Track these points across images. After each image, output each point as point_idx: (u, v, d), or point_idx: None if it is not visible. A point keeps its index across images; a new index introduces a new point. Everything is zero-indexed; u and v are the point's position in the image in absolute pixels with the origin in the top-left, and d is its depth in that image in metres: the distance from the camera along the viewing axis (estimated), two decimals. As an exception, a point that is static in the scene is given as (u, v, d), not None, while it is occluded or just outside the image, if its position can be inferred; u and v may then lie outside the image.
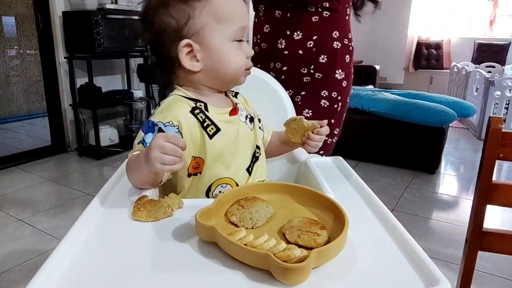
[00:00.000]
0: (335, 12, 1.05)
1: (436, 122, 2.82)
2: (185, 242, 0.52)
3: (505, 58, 5.70)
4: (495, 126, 0.80)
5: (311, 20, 1.05)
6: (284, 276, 0.43)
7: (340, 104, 1.14)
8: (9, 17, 4.13)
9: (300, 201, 0.62)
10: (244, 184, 0.73)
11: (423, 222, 2.25)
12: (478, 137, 3.91)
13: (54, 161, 3.20)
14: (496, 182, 0.83)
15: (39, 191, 2.60)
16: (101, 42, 3.00)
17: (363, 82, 4.60)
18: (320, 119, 1.14)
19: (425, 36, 6.27)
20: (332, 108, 1.12)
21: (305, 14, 1.05)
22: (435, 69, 6.17)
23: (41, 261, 0.76)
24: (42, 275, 0.44)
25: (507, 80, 3.83)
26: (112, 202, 0.63)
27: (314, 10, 1.04)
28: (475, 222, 0.86)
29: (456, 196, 2.69)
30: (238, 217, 0.56)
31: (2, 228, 2.10)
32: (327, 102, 1.11)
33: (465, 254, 0.89)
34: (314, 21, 1.05)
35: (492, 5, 5.91)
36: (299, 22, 1.05)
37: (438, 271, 0.45)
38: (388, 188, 2.71)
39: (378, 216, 0.60)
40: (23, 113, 4.48)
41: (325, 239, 0.51)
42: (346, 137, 1.11)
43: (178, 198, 0.61)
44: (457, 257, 1.83)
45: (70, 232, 0.53)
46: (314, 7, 1.04)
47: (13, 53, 4.27)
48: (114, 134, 3.37)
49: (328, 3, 1.03)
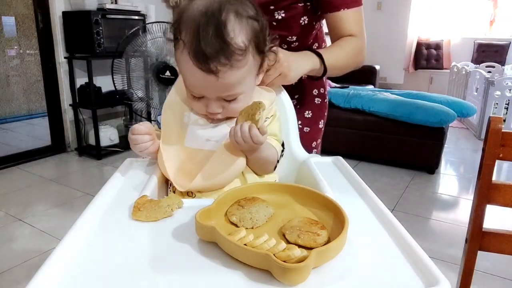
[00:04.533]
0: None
1: (436, 122, 2.82)
2: (185, 242, 0.52)
3: (505, 58, 5.71)
4: (495, 126, 0.80)
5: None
6: (284, 276, 0.43)
7: (326, 98, 1.16)
8: (9, 17, 4.13)
9: (300, 201, 0.62)
10: (244, 184, 0.73)
11: (423, 222, 2.25)
12: (478, 137, 3.91)
13: (54, 161, 3.20)
14: (496, 182, 0.83)
15: (39, 191, 2.60)
16: (101, 42, 3.00)
17: (363, 82, 4.61)
18: (317, 117, 1.12)
19: (425, 36, 6.27)
20: (324, 103, 1.14)
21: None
22: (435, 69, 6.17)
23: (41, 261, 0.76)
24: (42, 275, 0.44)
25: (507, 80, 3.83)
26: (112, 202, 0.63)
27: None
28: (475, 222, 0.86)
29: (456, 196, 2.69)
30: (238, 217, 0.56)
31: (2, 228, 2.10)
32: (319, 99, 1.12)
33: (465, 254, 0.89)
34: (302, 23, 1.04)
35: (492, 5, 5.91)
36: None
37: (438, 271, 0.45)
38: (388, 188, 2.71)
39: (378, 216, 0.60)
40: (23, 113, 4.47)
41: (325, 239, 0.51)
42: (346, 137, 1.11)
43: (178, 198, 0.62)
44: (457, 257, 1.83)
45: (70, 232, 0.53)
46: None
47: (13, 53, 4.26)
48: (114, 134, 3.37)
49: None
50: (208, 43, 0.61)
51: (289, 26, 0.97)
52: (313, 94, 1.11)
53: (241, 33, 0.63)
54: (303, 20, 0.97)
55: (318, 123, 1.13)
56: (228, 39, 0.61)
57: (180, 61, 0.66)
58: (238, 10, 0.64)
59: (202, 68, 0.62)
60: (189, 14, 0.64)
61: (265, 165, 0.75)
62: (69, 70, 3.21)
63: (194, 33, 0.62)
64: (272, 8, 0.93)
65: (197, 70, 0.63)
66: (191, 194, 0.73)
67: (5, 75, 4.26)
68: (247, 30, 0.64)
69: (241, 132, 0.65)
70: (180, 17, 0.66)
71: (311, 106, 1.11)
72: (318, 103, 1.12)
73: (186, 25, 0.64)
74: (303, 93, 1.09)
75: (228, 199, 0.60)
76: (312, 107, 1.11)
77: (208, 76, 0.63)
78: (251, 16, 0.66)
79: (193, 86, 0.68)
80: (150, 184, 0.69)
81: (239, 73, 0.65)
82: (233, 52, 0.62)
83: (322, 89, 1.13)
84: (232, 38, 0.62)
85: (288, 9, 0.93)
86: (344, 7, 0.90)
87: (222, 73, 0.62)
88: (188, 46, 0.63)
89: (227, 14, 0.62)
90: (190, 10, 0.65)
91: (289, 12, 0.94)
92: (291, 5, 0.93)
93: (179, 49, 0.65)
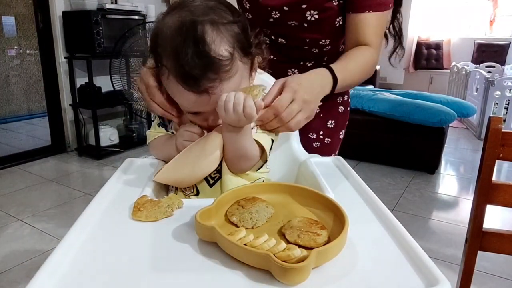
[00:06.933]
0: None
1: (436, 122, 2.82)
2: (185, 242, 0.52)
3: (505, 58, 5.71)
4: (495, 126, 0.80)
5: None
6: (284, 276, 0.43)
7: (349, 106, 1.08)
8: (9, 17, 4.13)
9: (300, 201, 0.62)
10: (244, 185, 0.73)
11: (423, 222, 2.25)
12: (478, 137, 3.91)
13: (54, 161, 3.20)
14: (496, 182, 0.83)
15: (39, 191, 2.60)
16: (101, 42, 3.00)
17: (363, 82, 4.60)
18: (339, 127, 1.02)
19: (425, 36, 6.27)
20: (346, 112, 1.06)
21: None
22: (435, 69, 6.17)
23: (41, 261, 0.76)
24: (42, 275, 0.44)
25: (507, 80, 3.83)
26: (112, 202, 0.63)
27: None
28: (475, 222, 0.86)
29: (456, 196, 2.69)
30: (238, 217, 0.56)
31: (2, 228, 2.10)
32: (343, 107, 1.04)
33: (465, 254, 0.89)
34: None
35: (492, 5, 5.91)
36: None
37: (438, 271, 0.45)
38: (388, 188, 2.71)
39: (378, 216, 0.60)
40: (23, 113, 4.48)
41: (325, 239, 0.51)
42: (346, 137, 1.09)
43: (178, 198, 0.61)
44: (457, 257, 1.83)
45: (70, 232, 0.53)
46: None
47: (13, 53, 4.27)
48: (114, 134, 3.37)
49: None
50: (192, 64, 0.58)
51: (322, 28, 0.87)
52: (337, 101, 1.03)
53: (222, 42, 0.60)
54: (338, 21, 0.87)
55: (339, 133, 1.05)
56: (212, 54, 0.58)
57: (169, 86, 0.64)
58: (213, 19, 0.60)
59: (193, 90, 0.60)
60: (163, 36, 0.61)
61: (242, 159, 0.69)
62: (69, 70, 3.21)
63: (174, 57, 0.59)
64: (304, 8, 0.84)
65: (188, 93, 0.61)
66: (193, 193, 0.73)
67: (5, 75, 4.26)
68: (227, 37, 0.61)
69: (234, 99, 0.59)
70: (155, 42, 0.63)
71: (335, 114, 1.03)
72: (342, 112, 1.04)
73: (164, 49, 0.61)
74: (327, 99, 0.87)
75: (228, 199, 0.60)
76: (335, 116, 1.03)
77: (201, 96, 0.61)
78: (228, 21, 0.62)
79: (188, 107, 0.66)
80: (150, 184, 0.69)
81: (232, 82, 0.62)
82: (219, 65, 0.59)
83: (346, 96, 1.04)
84: (215, 51, 0.58)
85: (323, 9, 0.84)
86: (369, 10, 0.82)
87: (213, 89, 0.60)
88: (173, 71, 0.60)
89: (202, 26, 0.59)
90: (164, 31, 0.61)
91: (323, 13, 0.84)
92: (326, 3, 0.83)
93: (164, 75, 0.63)
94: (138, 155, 3.25)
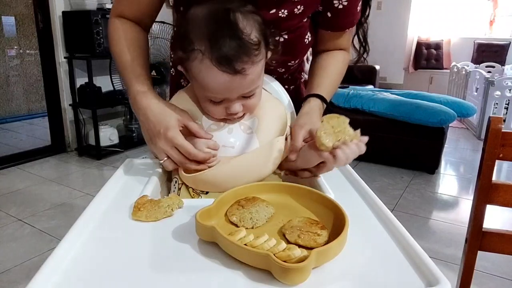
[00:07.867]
0: None
1: (436, 122, 2.82)
2: (185, 242, 0.52)
3: (505, 58, 5.71)
4: (495, 126, 0.80)
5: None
6: (284, 276, 0.43)
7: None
8: (9, 17, 4.13)
9: (300, 201, 0.62)
10: (244, 185, 0.73)
11: (423, 222, 2.25)
12: (478, 137, 3.91)
13: (54, 161, 3.20)
14: (496, 182, 0.83)
15: (39, 191, 2.60)
16: (101, 42, 3.00)
17: (363, 82, 4.60)
18: None
19: (425, 36, 6.27)
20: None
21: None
22: (435, 69, 6.17)
23: (41, 261, 0.76)
24: (42, 275, 0.44)
25: (507, 80, 3.83)
26: (112, 202, 0.63)
27: None
28: (475, 222, 0.86)
29: (456, 196, 2.69)
30: (238, 217, 0.56)
31: (2, 228, 2.10)
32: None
33: (465, 254, 0.89)
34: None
35: (492, 5, 5.91)
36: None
37: (438, 271, 0.45)
38: (388, 188, 2.71)
39: (378, 216, 0.60)
40: (23, 113, 4.48)
41: (325, 239, 0.51)
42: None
43: (178, 198, 0.62)
44: (457, 257, 1.83)
45: (70, 232, 0.53)
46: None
47: (13, 53, 4.27)
48: (114, 134, 3.36)
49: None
50: (228, 46, 0.62)
51: (292, 49, 0.83)
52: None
53: (252, 29, 0.65)
54: (307, 38, 0.84)
55: None
56: (244, 37, 0.63)
57: (201, 70, 0.65)
58: (241, 8, 0.66)
59: (228, 71, 0.63)
60: (196, 22, 0.65)
61: None
62: (69, 70, 3.20)
63: (210, 40, 0.63)
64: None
65: (222, 74, 0.63)
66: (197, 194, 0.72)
67: (5, 75, 4.26)
68: (255, 25, 0.66)
69: (349, 152, 0.66)
70: (185, 29, 0.66)
71: None
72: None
73: (197, 34, 0.64)
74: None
75: (228, 199, 0.60)
76: None
77: (234, 77, 0.64)
78: (253, 11, 0.67)
79: (216, 91, 0.67)
80: (150, 184, 0.69)
81: (259, 67, 0.67)
82: (251, 49, 0.63)
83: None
84: (247, 36, 0.63)
85: (294, 30, 0.80)
86: (349, 27, 0.84)
87: (246, 70, 0.64)
88: (208, 53, 0.63)
89: (234, 14, 0.64)
90: (196, 18, 0.65)
91: (292, 33, 0.80)
92: (299, 23, 0.79)
93: (196, 59, 0.65)
94: (138, 155, 3.25)
